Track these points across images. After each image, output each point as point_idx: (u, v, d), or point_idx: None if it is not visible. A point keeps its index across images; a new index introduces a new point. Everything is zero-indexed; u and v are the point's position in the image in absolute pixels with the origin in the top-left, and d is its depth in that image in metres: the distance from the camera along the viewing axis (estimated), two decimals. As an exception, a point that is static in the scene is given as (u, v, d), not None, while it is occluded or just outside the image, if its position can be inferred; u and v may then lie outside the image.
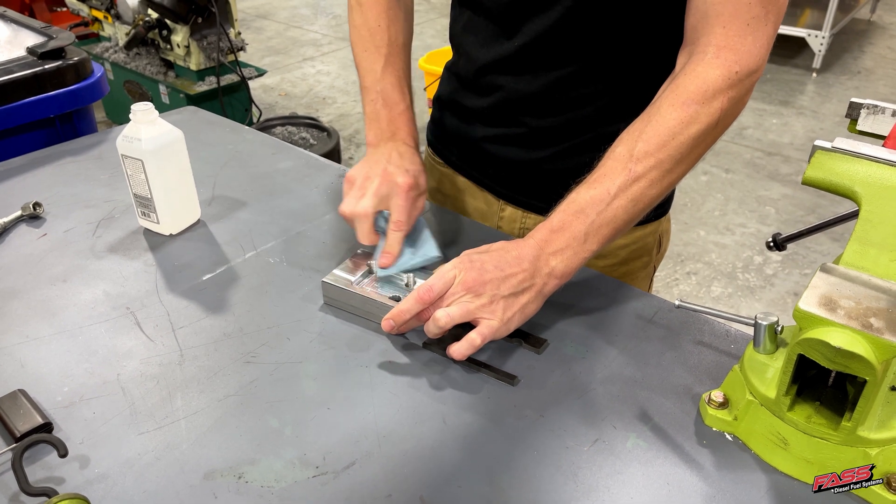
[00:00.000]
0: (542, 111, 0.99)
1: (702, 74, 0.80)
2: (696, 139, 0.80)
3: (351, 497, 0.66)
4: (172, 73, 3.36)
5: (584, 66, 0.94)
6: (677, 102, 0.80)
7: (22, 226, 1.06)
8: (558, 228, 0.82)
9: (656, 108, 0.82)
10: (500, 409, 0.76)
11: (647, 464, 0.70)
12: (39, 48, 1.51)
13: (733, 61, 0.80)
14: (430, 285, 0.80)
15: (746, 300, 2.67)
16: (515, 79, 0.98)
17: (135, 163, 0.98)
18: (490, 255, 0.82)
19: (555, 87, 0.96)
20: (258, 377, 0.79)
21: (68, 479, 0.68)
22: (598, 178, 0.82)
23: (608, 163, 0.82)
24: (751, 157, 3.66)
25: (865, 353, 0.60)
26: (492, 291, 0.79)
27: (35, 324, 0.87)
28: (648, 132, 0.80)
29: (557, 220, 0.83)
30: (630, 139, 0.82)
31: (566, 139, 1.00)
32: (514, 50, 0.96)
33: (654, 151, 0.80)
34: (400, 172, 0.92)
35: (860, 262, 0.68)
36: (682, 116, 0.80)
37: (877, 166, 0.69)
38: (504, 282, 0.79)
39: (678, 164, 0.81)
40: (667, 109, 0.81)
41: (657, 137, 0.80)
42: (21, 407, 0.73)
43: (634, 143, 0.81)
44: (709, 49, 0.80)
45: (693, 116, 0.80)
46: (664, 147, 0.80)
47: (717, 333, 0.86)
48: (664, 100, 0.82)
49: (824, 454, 0.67)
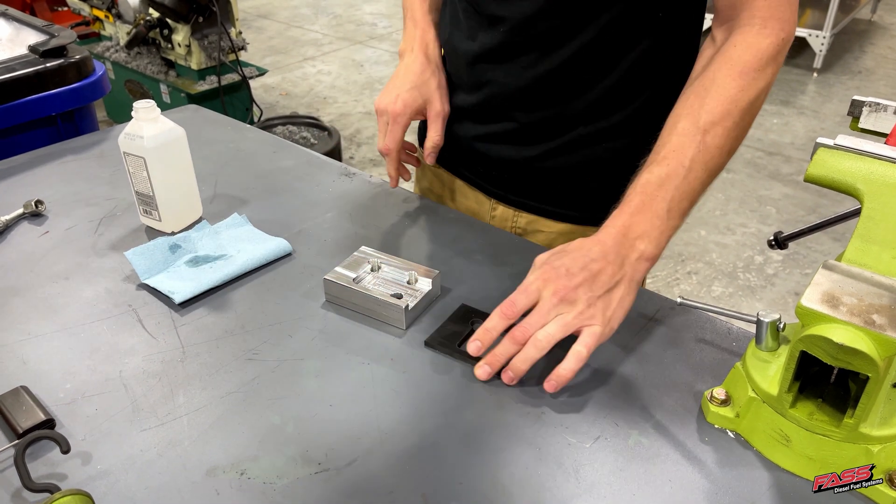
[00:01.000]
0: (533, 105, 0.99)
1: (754, 44, 0.83)
2: (755, 105, 0.84)
3: (353, 494, 0.66)
4: (173, 72, 3.36)
5: (572, 57, 0.94)
6: (734, 73, 0.83)
7: (24, 223, 1.06)
8: (638, 210, 0.80)
9: (712, 80, 0.84)
10: (502, 407, 0.76)
11: (649, 461, 0.70)
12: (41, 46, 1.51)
13: (780, 29, 0.83)
14: (513, 300, 0.77)
15: (747, 300, 2.67)
16: (504, 72, 0.98)
17: (137, 160, 0.98)
18: (571, 256, 0.78)
19: (544, 80, 0.96)
20: (260, 374, 0.79)
21: (71, 475, 0.68)
22: (667, 154, 0.82)
23: (674, 139, 0.83)
24: (752, 156, 3.66)
25: (868, 349, 0.60)
26: (586, 295, 0.76)
27: (37, 321, 0.87)
28: (710, 103, 0.82)
29: (636, 202, 0.81)
30: (691, 113, 0.83)
31: (557, 135, 1.00)
32: (500, 38, 0.96)
33: (720, 120, 0.82)
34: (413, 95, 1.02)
35: (863, 259, 0.68)
36: (741, 84, 0.83)
37: (879, 163, 0.69)
38: (595, 281, 0.76)
39: (741, 130, 0.85)
40: (724, 79, 0.83)
41: (721, 107, 0.82)
42: (23, 403, 0.73)
43: (698, 115, 0.82)
44: (754, 21, 0.83)
45: (750, 84, 0.83)
46: (729, 115, 0.82)
47: (718, 331, 0.86)
48: (720, 71, 0.84)
49: (826, 451, 0.67)
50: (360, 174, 1.19)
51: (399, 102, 1.02)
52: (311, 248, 1.01)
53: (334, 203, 1.11)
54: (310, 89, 4.41)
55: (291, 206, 1.11)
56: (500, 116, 1.02)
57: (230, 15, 3.24)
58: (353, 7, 6.00)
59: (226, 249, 0.97)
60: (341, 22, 5.67)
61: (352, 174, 1.19)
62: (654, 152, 0.84)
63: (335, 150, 3.23)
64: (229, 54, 3.25)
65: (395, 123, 1.02)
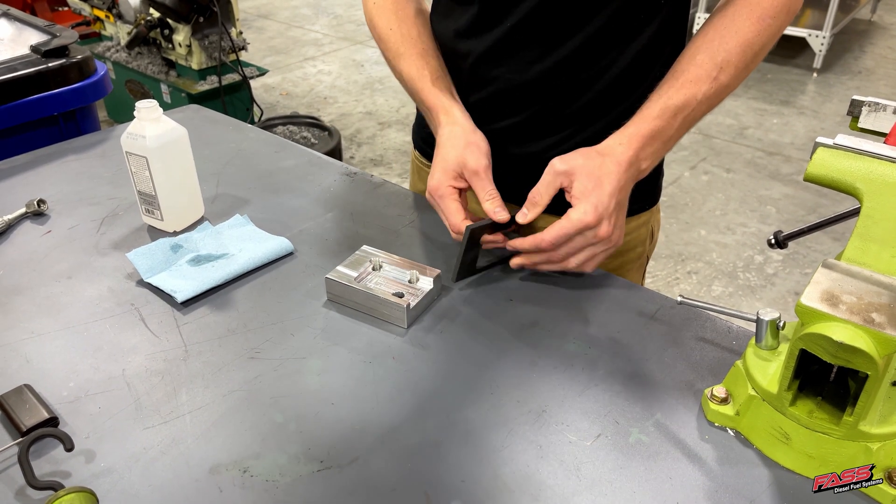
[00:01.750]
0: (539, 100, 0.99)
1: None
2: (765, 49, 0.89)
3: (355, 491, 0.67)
4: (174, 72, 3.37)
5: (578, 49, 0.94)
6: (753, 17, 0.87)
7: (26, 223, 1.07)
8: (651, 134, 0.87)
9: (731, 20, 0.87)
10: (504, 405, 0.76)
11: (649, 459, 0.70)
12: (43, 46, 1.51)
13: None
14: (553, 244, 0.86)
15: (747, 299, 2.67)
16: (509, 68, 0.99)
17: (139, 160, 0.98)
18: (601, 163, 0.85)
19: (550, 74, 0.97)
20: (262, 373, 0.79)
21: (74, 473, 0.68)
22: (685, 82, 0.87)
23: (692, 69, 0.87)
24: (752, 156, 3.66)
25: (867, 347, 0.60)
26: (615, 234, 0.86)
27: (40, 320, 0.87)
28: (730, 42, 0.87)
29: (653, 126, 0.87)
30: (711, 48, 0.87)
31: (563, 129, 1.01)
32: (505, 34, 0.96)
33: (735, 61, 0.86)
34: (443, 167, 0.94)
35: (862, 258, 0.68)
36: (758, 29, 0.86)
37: (878, 163, 0.69)
38: (620, 216, 0.87)
39: (748, 72, 0.89)
40: (744, 22, 0.87)
41: (738, 48, 0.86)
42: (27, 402, 0.73)
43: (717, 53, 0.87)
44: None
45: (765, 29, 0.87)
46: (742, 57, 0.87)
47: (718, 330, 0.86)
48: (740, 14, 0.87)
49: (826, 449, 0.67)
50: (362, 174, 1.20)
51: (433, 181, 0.94)
52: (312, 248, 1.01)
53: (335, 202, 1.12)
54: (310, 89, 4.42)
55: (293, 205, 1.11)
56: (504, 113, 1.03)
57: (231, 15, 3.24)
58: (353, 7, 6.00)
59: (227, 248, 0.98)
60: (342, 22, 5.67)
61: (353, 174, 1.20)
62: (673, 76, 0.89)
63: (336, 149, 3.24)
64: (230, 54, 3.25)
65: (442, 199, 0.92)
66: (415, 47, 1.02)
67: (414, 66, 1.01)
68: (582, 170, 0.85)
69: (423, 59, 1.01)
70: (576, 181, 0.85)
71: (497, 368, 0.81)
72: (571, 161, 0.86)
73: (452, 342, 0.84)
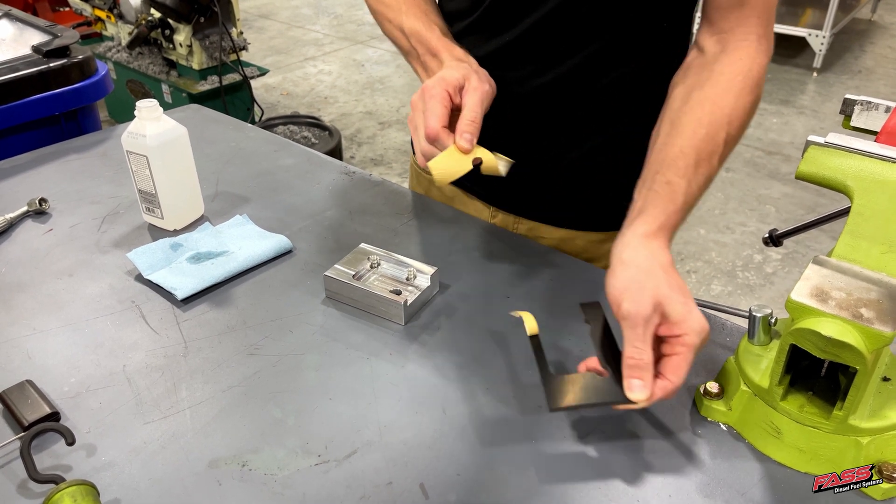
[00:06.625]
0: (538, 114, 0.99)
1: (757, 61, 0.84)
2: (752, 119, 0.84)
3: (352, 484, 0.68)
4: (175, 72, 3.38)
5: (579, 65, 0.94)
6: (748, 87, 0.83)
7: (28, 221, 1.08)
8: (670, 226, 0.76)
9: (732, 93, 0.82)
10: (499, 400, 0.77)
11: (643, 453, 0.71)
12: (45, 46, 1.52)
13: (768, 49, 0.85)
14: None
15: (746, 298, 2.68)
16: (507, 81, 0.97)
17: (140, 159, 0.99)
18: (671, 282, 0.69)
19: (550, 88, 0.96)
20: (261, 368, 0.80)
21: (75, 466, 0.69)
22: (700, 161, 0.78)
23: (704, 146, 0.79)
24: (751, 156, 3.67)
25: (856, 342, 0.61)
26: None
27: (42, 317, 0.88)
28: (734, 118, 0.81)
29: (681, 216, 0.77)
30: (717, 124, 0.80)
31: (562, 142, 1.01)
32: (504, 46, 0.96)
33: (736, 136, 0.82)
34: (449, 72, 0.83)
35: (852, 254, 0.69)
36: (752, 100, 0.83)
37: (868, 161, 0.70)
38: None
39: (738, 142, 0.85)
40: (742, 94, 0.82)
41: (738, 121, 0.82)
42: (29, 397, 0.74)
43: (725, 129, 0.80)
44: (750, 37, 0.84)
45: (757, 98, 0.84)
46: (741, 130, 0.83)
47: (712, 326, 0.87)
48: (736, 84, 0.82)
49: (817, 443, 0.68)
50: (361, 172, 1.21)
51: (432, 80, 0.82)
52: (311, 246, 1.02)
53: (334, 201, 1.12)
54: (311, 89, 4.43)
55: (292, 204, 1.12)
56: (501, 126, 1.02)
57: (231, 15, 3.25)
58: (353, 7, 6.01)
59: (227, 246, 0.99)
60: (342, 22, 5.68)
61: (352, 173, 1.21)
62: (685, 154, 0.79)
63: (336, 149, 3.24)
64: (230, 54, 3.26)
65: (432, 98, 0.80)
66: (418, 7, 0.95)
67: (420, 22, 0.92)
68: (663, 288, 0.69)
69: (428, 17, 0.94)
70: (668, 305, 0.68)
71: (493, 364, 0.81)
72: (640, 286, 0.69)
73: (449, 339, 0.85)
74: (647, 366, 0.67)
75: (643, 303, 0.67)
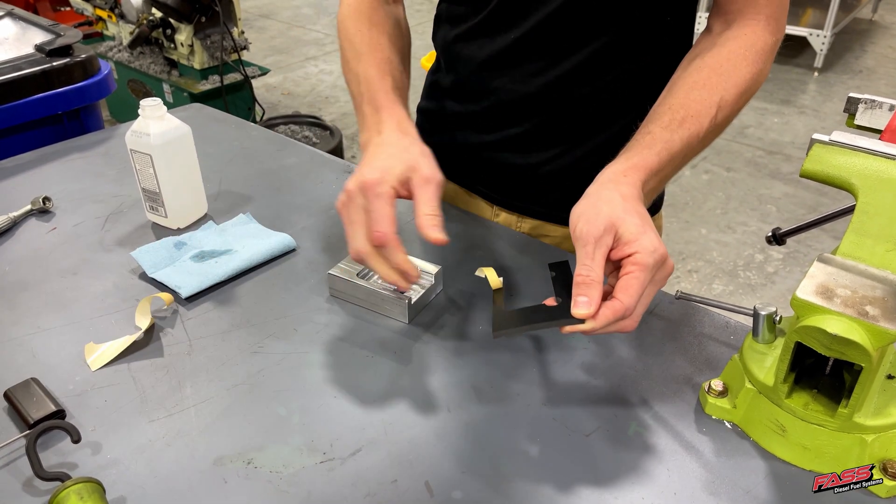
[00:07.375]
0: (540, 112, 0.99)
1: (762, 37, 0.86)
2: (753, 93, 0.87)
3: (357, 482, 0.68)
4: (176, 71, 3.38)
5: (582, 63, 0.94)
6: (750, 58, 0.85)
7: (32, 220, 1.08)
8: (655, 171, 0.78)
9: (727, 59, 0.85)
10: (504, 397, 0.77)
11: (647, 451, 0.71)
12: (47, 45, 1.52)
13: (777, 30, 0.88)
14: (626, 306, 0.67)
15: (747, 298, 2.68)
16: (511, 79, 0.98)
17: (143, 157, 0.99)
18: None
19: (553, 87, 0.96)
20: (266, 367, 0.81)
21: (81, 464, 0.69)
22: (686, 118, 0.81)
23: (693, 105, 0.82)
24: (752, 155, 3.67)
25: (861, 340, 0.61)
26: None
27: (46, 315, 0.88)
28: (730, 84, 0.84)
29: (656, 161, 0.78)
30: (712, 86, 0.84)
31: (564, 141, 1.01)
32: (509, 44, 0.96)
33: (733, 102, 0.84)
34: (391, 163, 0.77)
35: (857, 252, 0.69)
36: (754, 71, 0.85)
37: (873, 159, 0.70)
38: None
39: (738, 113, 0.87)
40: (742, 63, 0.85)
41: (736, 89, 0.84)
42: (34, 395, 0.74)
43: (715, 90, 0.83)
44: (759, 18, 0.87)
45: (759, 72, 0.86)
46: (739, 99, 0.85)
47: (716, 325, 0.87)
48: (737, 53, 0.85)
49: (821, 441, 0.68)
50: (363, 171, 1.21)
51: (373, 174, 0.75)
52: (315, 244, 1.02)
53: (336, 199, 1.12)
54: (312, 89, 4.43)
55: (295, 202, 1.12)
56: (505, 124, 1.02)
57: (232, 15, 3.25)
58: (354, 7, 6.00)
59: (231, 245, 0.99)
60: (343, 22, 5.68)
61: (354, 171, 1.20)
62: (672, 110, 0.82)
63: (337, 149, 3.25)
64: (232, 54, 3.26)
65: (378, 198, 0.74)
66: (380, 53, 0.93)
67: (375, 68, 0.90)
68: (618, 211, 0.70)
69: (387, 65, 0.91)
70: (621, 226, 0.69)
71: (497, 362, 0.82)
72: (595, 210, 0.71)
73: (453, 337, 0.85)
74: (593, 283, 0.67)
75: (596, 223, 0.69)
